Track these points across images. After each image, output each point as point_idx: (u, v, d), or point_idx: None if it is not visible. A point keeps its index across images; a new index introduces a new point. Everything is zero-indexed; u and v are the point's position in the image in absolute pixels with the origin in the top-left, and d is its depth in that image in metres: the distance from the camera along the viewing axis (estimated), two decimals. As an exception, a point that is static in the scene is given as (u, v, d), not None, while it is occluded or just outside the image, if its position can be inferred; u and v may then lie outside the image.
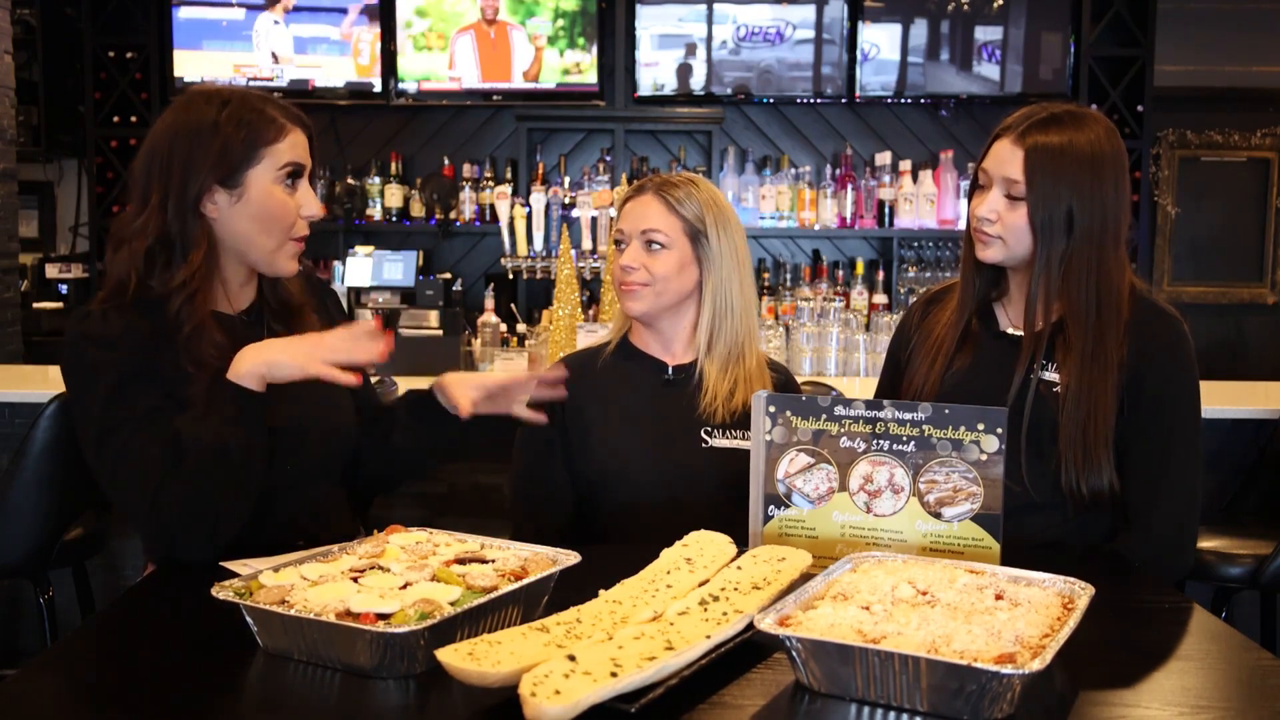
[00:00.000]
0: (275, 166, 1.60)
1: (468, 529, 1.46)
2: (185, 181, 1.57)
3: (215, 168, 1.57)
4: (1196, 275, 5.36)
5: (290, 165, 1.61)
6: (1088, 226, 1.69)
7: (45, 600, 2.51)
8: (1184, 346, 1.73)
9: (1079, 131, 1.69)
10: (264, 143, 1.59)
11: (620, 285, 1.88)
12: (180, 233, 1.58)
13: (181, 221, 1.58)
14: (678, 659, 1.08)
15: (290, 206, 1.62)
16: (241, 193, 1.59)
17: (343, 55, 4.76)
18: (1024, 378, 1.72)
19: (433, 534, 1.43)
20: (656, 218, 1.86)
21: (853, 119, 4.97)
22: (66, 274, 4.92)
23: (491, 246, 4.85)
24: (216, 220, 1.60)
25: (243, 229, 1.61)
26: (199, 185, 1.57)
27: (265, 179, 1.59)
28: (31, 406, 2.72)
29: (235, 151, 1.57)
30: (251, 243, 1.62)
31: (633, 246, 1.87)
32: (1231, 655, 1.27)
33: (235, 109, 1.59)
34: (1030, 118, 1.72)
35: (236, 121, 1.58)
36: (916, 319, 1.94)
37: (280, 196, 1.61)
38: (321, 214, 1.67)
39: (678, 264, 1.86)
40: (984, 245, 1.75)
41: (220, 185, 1.58)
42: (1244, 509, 2.82)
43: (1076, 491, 1.68)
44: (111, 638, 1.32)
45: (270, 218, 1.60)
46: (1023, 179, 1.68)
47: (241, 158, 1.57)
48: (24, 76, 4.68)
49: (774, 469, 1.54)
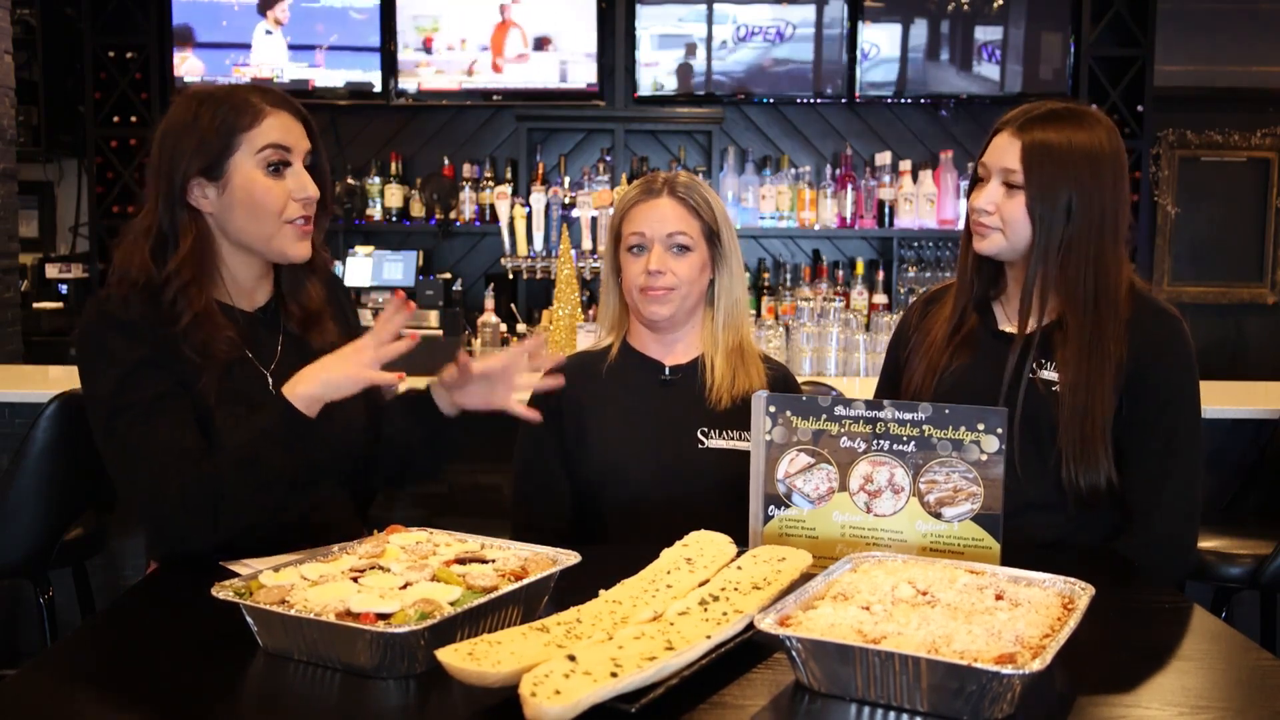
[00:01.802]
0: (253, 151, 1.60)
1: (468, 529, 1.46)
2: (171, 176, 1.60)
3: (194, 159, 1.59)
4: (1196, 275, 5.36)
5: (270, 147, 1.60)
6: (1086, 218, 1.68)
7: (45, 600, 2.51)
8: (1184, 346, 1.73)
9: (1079, 127, 1.70)
10: (240, 129, 1.59)
11: (645, 291, 1.85)
12: (170, 225, 1.61)
13: (170, 215, 1.61)
14: (678, 659, 1.08)
15: (276, 191, 1.61)
16: (225, 182, 1.60)
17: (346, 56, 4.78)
18: (1016, 370, 1.72)
19: (433, 534, 1.43)
20: (679, 220, 1.85)
21: (853, 119, 4.97)
22: (66, 274, 4.92)
23: (491, 246, 4.84)
24: (212, 214, 1.63)
25: (234, 219, 1.62)
26: (182, 178, 1.59)
27: (246, 165, 1.60)
28: (31, 406, 2.72)
29: (212, 142, 1.59)
30: (245, 231, 1.63)
31: (657, 251, 1.85)
32: (1231, 655, 1.27)
33: (215, 102, 1.61)
34: (1029, 112, 1.72)
35: (213, 113, 1.59)
36: (915, 318, 1.94)
37: (264, 182, 1.61)
38: (316, 195, 1.65)
39: (700, 266, 1.87)
40: (981, 236, 1.75)
41: (204, 177, 1.60)
42: (1244, 509, 2.82)
43: (1075, 486, 1.68)
44: (111, 638, 1.32)
45: (256, 204, 1.61)
46: (1020, 168, 1.69)
47: (219, 147, 1.59)
48: (24, 76, 4.68)
49: (774, 469, 1.54)
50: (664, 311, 1.86)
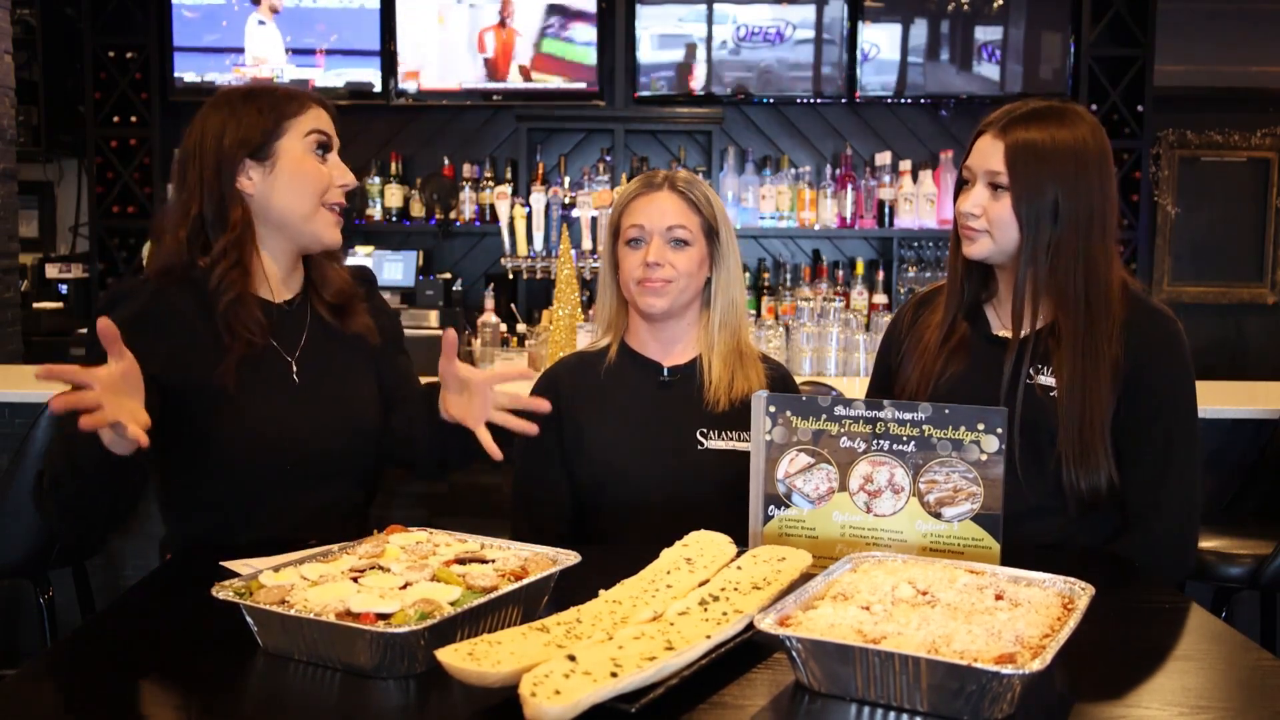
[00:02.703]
0: (301, 134, 1.69)
1: (468, 529, 1.46)
2: (219, 161, 1.66)
3: (244, 142, 1.66)
4: (1196, 275, 5.36)
5: (316, 132, 1.70)
6: (1073, 216, 1.68)
7: (45, 600, 2.51)
8: (1180, 347, 1.73)
9: (1062, 125, 1.69)
10: (286, 116, 1.68)
11: (643, 283, 1.86)
12: (216, 209, 1.66)
13: (217, 198, 1.66)
14: (678, 659, 1.08)
15: (323, 172, 1.70)
16: (273, 163, 1.67)
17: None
18: (1012, 376, 1.72)
19: (433, 534, 1.43)
20: (679, 214, 1.86)
21: (853, 119, 4.97)
22: (66, 274, 4.92)
23: (491, 246, 4.84)
24: (253, 196, 1.68)
25: (278, 198, 1.68)
26: (231, 161, 1.65)
27: (295, 147, 1.68)
28: (31, 406, 2.72)
29: (261, 124, 1.66)
30: (287, 210, 1.68)
31: (656, 243, 1.85)
32: (1231, 655, 1.27)
33: (260, 93, 1.71)
34: (1011, 113, 1.72)
35: (258, 101, 1.69)
36: (907, 322, 1.92)
37: (313, 162, 1.69)
38: (355, 183, 1.75)
39: (698, 260, 1.87)
40: (970, 241, 1.74)
41: (251, 159, 1.66)
42: (1244, 509, 2.82)
43: (1076, 488, 1.68)
44: (111, 638, 1.32)
45: (304, 180, 1.68)
46: (1005, 170, 1.68)
47: (268, 129, 1.66)
48: (24, 76, 4.68)
49: (774, 469, 1.53)
50: (660, 304, 1.86)
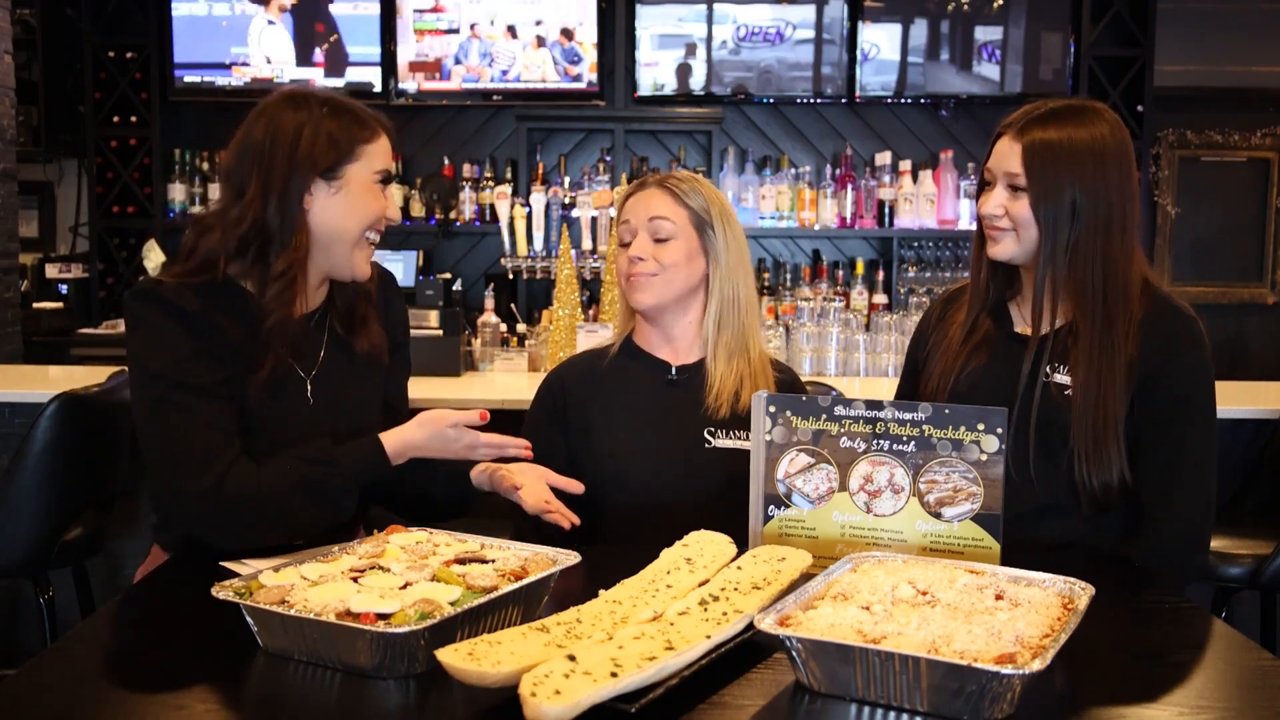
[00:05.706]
0: (371, 168, 1.67)
1: (468, 529, 1.46)
2: (289, 175, 1.61)
3: (319, 159, 1.62)
4: (1196, 275, 5.36)
5: (383, 171, 1.69)
6: (1092, 215, 1.68)
7: (45, 600, 2.51)
8: (1199, 346, 1.71)
9: (1080, 124, 1.69)
10: (360, 140, 1.66)
11: (628, 277, 1.87)
12: (281, 225, 1.62)
13: (283, 214, 1.62)
14: (678, 659, 1.08)
15: (382, 204, 1.69)
16: (340, 186, 1.65)
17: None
18: (1031, 374, 1.72)
19: (433, 534, 1.43)
20: (662, 206, 1.87)
21: (853, 119, 4.97)
22: (66, 274, 4.92)
23: (491, 246, 4.84)
24: (309, 213, 1.65)
25: (333, 219, 1.65)
26: (304, 176, 1.62)
27: (364, 175, 1.66)
28: (31, 406, 2.72)
29: (337, 144, 1.63)
30: (339, 236, 1.66)
31: (640, 237, 1.87)
32: (1231, 655, 1.28)
33: (338, 107, 1.66)
34: (1030, 113, 1.72)
35: (340, 117, 1.65)
36: (935, 319, 1.93)
37: (375, 190, 1.68)
38: (398, 220, 1.75)
39: (685, 253, 1.87)
40: (995, 241, 1.75)
41: (322, 178, 1.63)
42: (1244, 509, 2.82)
43: (1088, 486, 1.67)
44: (111, 637, 1.32)
45: (363, 209, 1.66)
46: (1022, 171, 1.69)
47: (343, 151, 1.64)
48: (24, 76, 4.68)
49: (774, 469, 1.53)
50: (645, 299, 1.87)
